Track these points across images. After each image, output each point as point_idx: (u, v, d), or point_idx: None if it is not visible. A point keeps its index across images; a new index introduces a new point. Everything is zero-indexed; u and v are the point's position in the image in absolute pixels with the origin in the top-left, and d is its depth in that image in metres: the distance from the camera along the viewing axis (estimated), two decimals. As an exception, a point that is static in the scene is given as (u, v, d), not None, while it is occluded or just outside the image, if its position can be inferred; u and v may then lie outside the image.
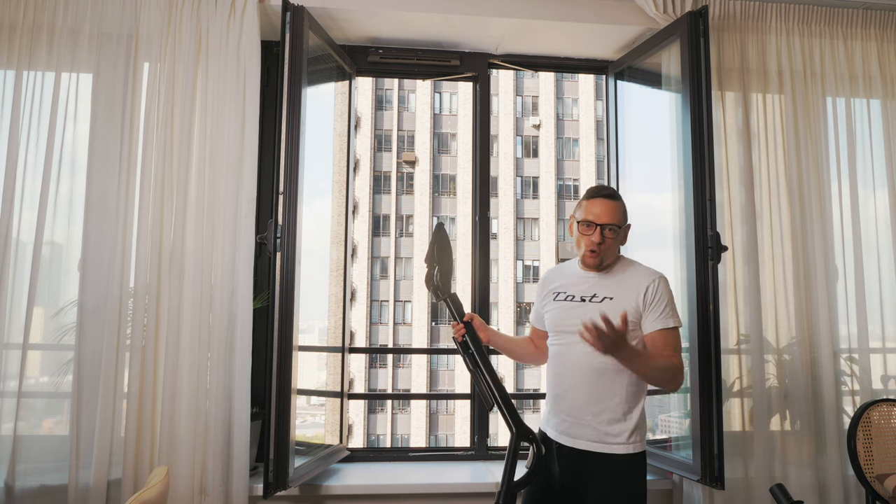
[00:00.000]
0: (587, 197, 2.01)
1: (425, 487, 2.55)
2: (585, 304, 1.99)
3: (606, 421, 1.92)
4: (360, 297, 25.11)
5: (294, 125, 2.41)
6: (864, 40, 2.82)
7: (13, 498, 2.26)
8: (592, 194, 2.00)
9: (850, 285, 2.69)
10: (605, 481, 1.90)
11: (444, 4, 2.71)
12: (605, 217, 1.95)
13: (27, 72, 2.43)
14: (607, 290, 1.98)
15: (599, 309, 1.91)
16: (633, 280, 1.97)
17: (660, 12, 2.66)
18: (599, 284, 2.01)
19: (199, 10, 2.49)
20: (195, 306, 2.37)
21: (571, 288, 2.05)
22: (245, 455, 2.36)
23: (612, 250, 1.98)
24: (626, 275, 1.99)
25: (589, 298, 1.99)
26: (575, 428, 1.95)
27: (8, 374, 2.31)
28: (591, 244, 1.96)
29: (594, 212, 1.96)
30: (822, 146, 2.73)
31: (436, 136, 26.67)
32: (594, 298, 1.98)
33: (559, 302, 2.06)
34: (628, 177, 3.01)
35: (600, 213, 1.96)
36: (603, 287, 1.99)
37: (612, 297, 1.96)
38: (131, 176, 2.42)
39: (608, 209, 1.96)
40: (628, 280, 1.98)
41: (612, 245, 1.97)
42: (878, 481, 2.32)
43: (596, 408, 1.93)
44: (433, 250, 2.17)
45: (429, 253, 2.18)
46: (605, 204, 1.96)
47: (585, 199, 2.01)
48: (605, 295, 1.97)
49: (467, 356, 2.10)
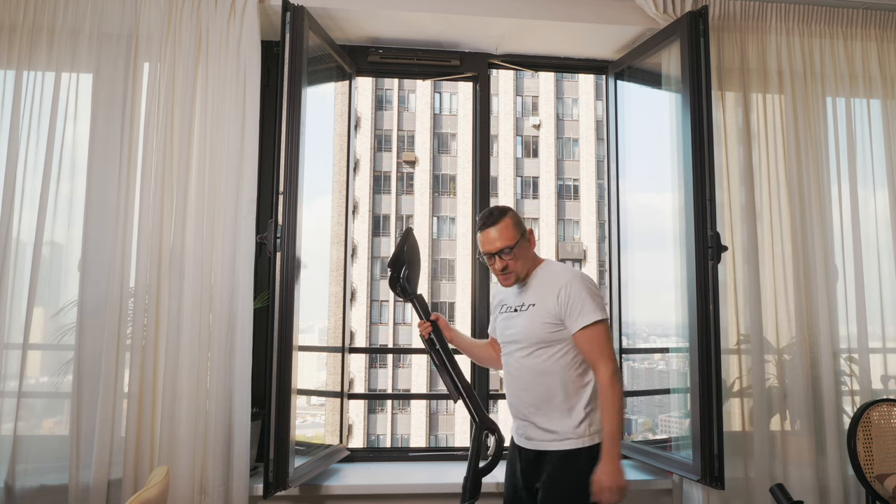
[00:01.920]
0: (477, 230, 2.11)
1: (425, 487, 2.55)
2: (519, 313, 2.10)
3: (553, 419, 2.01)
4: (360, 297, 25.10)
5: (294, 125, 2.41)
6: (864, 40, 2.82)
7: (13, 498, 2.26)
8: (479, 227, 2.10)
9: (850, 285, 2.69)
10: (559, 476, 1.98)
11: (444, 4, 2.71)
12: (494, 245, 2.04)
13: (27, 72, 2.43)
14: (531, 298, 2.08)
15: (526, 316, 2.05)
16: (550, 283, 2.06)
17: (660, 12, 2.66)
18: (526, 294, 2.11)
19: (199, 10, 2.49)
20: (195, 306, 2.37)
21: (509, 300, 2.17)
22: (245, 455, 2.36)
23: (520, 265, 2.07)
24: (545, 280, 2.08)
25: (520, 308, 2.10)
26: (527, 429, 2.07)
27: (8, 374, 2.31)
28: (497, 272, 2.09)
29: (485, 244, 2.07)
30: (822, 146, 2.73)
31: (436, 136, 26.66)
32: (522, 307, 2.09)
33: (502, 314, 2.19)
34: (628, 177, 3.01)
35: (489, 243, 2.06)
36: (528, 296, 2.10)
37: (534, 304, 2.06)
38: (131, 176, 2.42)
39: (494, 237, 2.05)
40: (546, 284, 2.07)
41: (517, 261, 2.06)
42: (878, 481, 2.32)
43: (539, 409, 2.03)
44: (402, 253, 2.30)
45: (395, 256, 2.29)
46: (489, 233, 2.06)
47: (478, 232, 2.11)
48: (531, 302, 2.08)
49: (433, 353, 2.27)
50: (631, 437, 2.94)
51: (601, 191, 26.25)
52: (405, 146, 26.48)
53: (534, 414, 2.04)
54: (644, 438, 2.98)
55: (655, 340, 5.82)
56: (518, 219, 2.10)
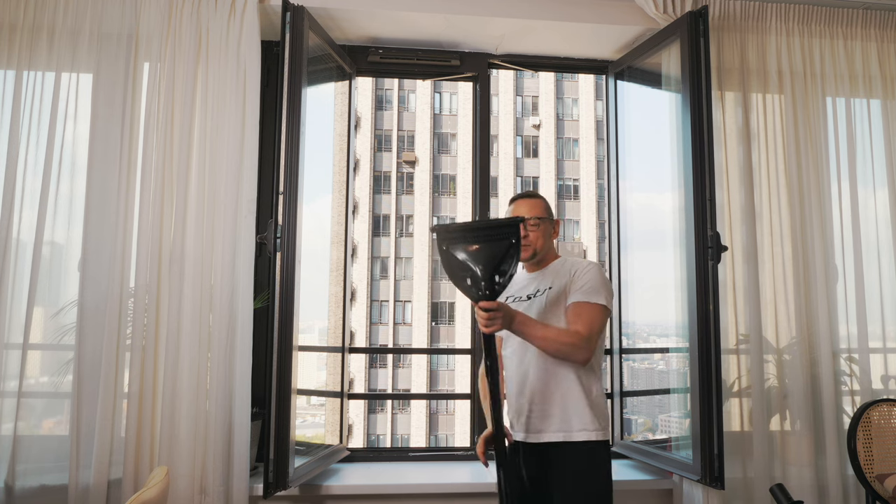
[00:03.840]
0: (510, 202, 2.19)
1: (425, 487, 2.55)
2: (532, 299, 2.10)
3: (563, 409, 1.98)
4: (360, 297, 25.12)
5: (294, 125, 2.41)
6: (864, 40, 2.82)
7: (13, 498, 2.26)
8: (514, 198, 2.18)
9: (850, 285, 2.69)
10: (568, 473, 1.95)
11: (444, 4, 2.71)
12: (521, 211, 2.11)
13: (27, 72, 2.43)
14: (547, 283, 2.10)
15: (541, 300, 2.05)
16: (567, 267, 2.09)
17: (660, 12, 2.66)
18: (540, 280, 2.12)
19: (199, 10, 2.49)
20: (195, 306, 2.37)
21: (520, 291, 2.17)
22: (245, 455, 2.36)
23: (540, 241, 2.11)
24: (563, 267, 2.11)
25: (534, 294, 2.11)
26: (533, 422, 2.02)
27: (8, 374, 2.31)
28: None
29: (514, 211, 2.15)
30: (822, 146, 2.73)
31: (436, 136, 26.66)
32: (538, 293, 2.10)
33: (509, 303, 2.14)
34: (628, 177, 3.01)
35: (521, 212, 2.12)
36: (545, 281, 2.11)
37: (551, 287, 2.07)
38: (131, 176, 2.42)
39: (528, 207, 2.12)
40: (564, 269, 2.09)
41: (540, 236, 2.11)
42: (878, 481, 2.32)
43: (548, 398, 2.00)
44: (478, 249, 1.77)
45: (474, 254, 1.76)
46: (525, 203, 2.14)
47: (509, 205, 2.18)
48: (546, 286, 2.09)
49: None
50: (631, 436, 2.94)
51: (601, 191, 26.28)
52: (405, 146, 26.49)
53: (541, 404, 1.99)
54: (644, 438, 2.98)
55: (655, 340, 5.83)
56: (549, 205, 2.18)
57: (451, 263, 1.80)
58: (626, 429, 2.94)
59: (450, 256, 1.79)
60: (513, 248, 1.75)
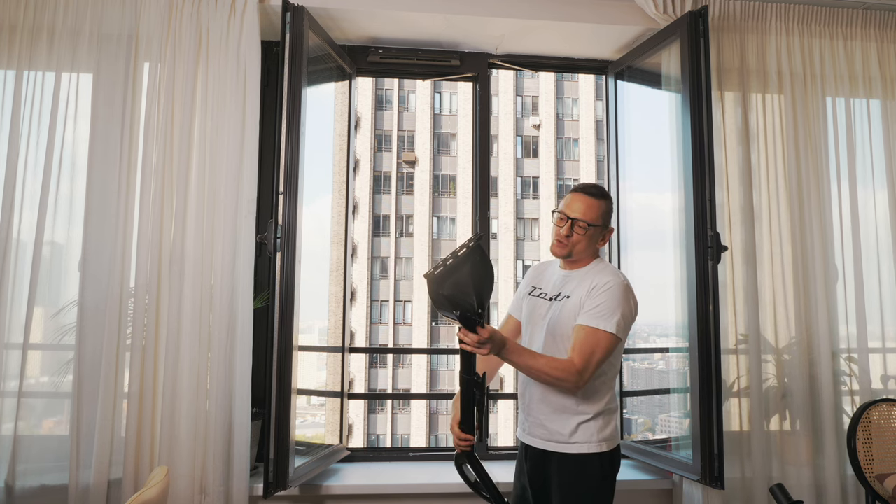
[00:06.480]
0: (571, 191, 2.02)
1: (425, 487, 2.55)
2: (552, 302, 2.00)
3: (562, 419, 1.92)
4: (360, 297, 25.11)
5: (294, 125, 2.41)
6: (864, 40, 2.82)
7: (13, 498, 2.27)
8: (576, 189, 2.01)
9: (850, 285, 2.69)
10: (565, 480, 1.90)
11: (444, 4, 2.71)
12: (577, 212, 1.96)
13: (27, 72, 2.43)
14: (569, 289, 1.98)
15: (557, 308, 1.95)
16: (590, 278, 1.94)
17: (660, 12, 2.67)
18: (566, 283, 2.00)
19: (199, 10, 2.49)
20: (195, 306, 2.37)
21: (547, 286, 2.07)
22: (245, 455, 2.36)
23: (581, 246, 1.96)
24: (587, 275, 1.97)
25: (555, 297, 2.00)
26: (534, 427, 1.98)
27: (8, 374, 2.32)
28: (559, 235, 1.98)
29: (570, 205, 1.98)
30: (822, 146, 2.73)
31: (436, 136, 26.66)
32: (559, 297, 1.99)
33: (531, 296, 2.09)
34: (628, 177, 3.01)
35: (575, 208, 1.96)
36: (568, 286, 1.99)
37: (569, 296, 1.96)
38: (131, 176, 2.42)
39: (585, 206, 1.96)
40: (587, 279, 1.95)
41: (582, 241, 1.96)
42: (877, 481, 2.32)
43: (549, 405, 1.94)
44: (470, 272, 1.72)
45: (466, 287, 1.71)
46: (583, 200, 1.97)
47: (569, 193, 2.02)
48: (566, 294, 1.97)
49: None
50: (631, 437, 2.94)
51: (601, 191, 26.21)
52: (405, 146, 26.48)
53: (542, 410, 1.95)
54: (644, 438, 2.98)
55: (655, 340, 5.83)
56: (610, 210, 2.01)
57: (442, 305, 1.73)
58: (626, 429, 2.95)
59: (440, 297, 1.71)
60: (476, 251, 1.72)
